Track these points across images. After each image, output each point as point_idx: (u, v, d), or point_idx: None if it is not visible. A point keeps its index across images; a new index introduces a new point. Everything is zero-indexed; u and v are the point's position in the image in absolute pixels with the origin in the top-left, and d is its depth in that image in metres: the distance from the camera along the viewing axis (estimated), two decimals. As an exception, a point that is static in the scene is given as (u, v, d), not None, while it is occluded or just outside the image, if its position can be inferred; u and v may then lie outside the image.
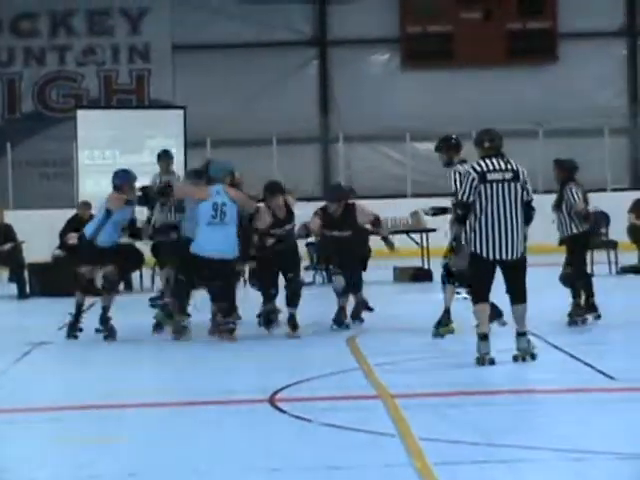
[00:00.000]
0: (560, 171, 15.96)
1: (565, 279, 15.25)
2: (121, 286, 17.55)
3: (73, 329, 14.61)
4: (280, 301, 15.15)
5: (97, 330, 14.75)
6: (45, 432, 9.94)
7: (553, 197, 15.58)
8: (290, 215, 15.22)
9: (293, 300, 14.69)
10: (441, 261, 15.37)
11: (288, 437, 9.15)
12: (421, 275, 22.14)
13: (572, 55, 31.19)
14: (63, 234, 21.15)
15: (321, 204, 25.00)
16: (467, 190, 11.85)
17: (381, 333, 15.42)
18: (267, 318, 14.92)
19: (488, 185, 11.79)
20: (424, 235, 22.83)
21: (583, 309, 15.20)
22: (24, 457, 8.95)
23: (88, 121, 28.81)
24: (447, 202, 14.21)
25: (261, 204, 14.98)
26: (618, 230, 22.24)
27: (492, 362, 11.80)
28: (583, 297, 15.26)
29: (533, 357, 11.99)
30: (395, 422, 9.40)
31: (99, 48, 32.32)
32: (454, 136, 14.16)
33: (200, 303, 15.11)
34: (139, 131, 27.18)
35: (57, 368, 13.30)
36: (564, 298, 15.09)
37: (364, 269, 16.44)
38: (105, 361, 13.66)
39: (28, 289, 21.38)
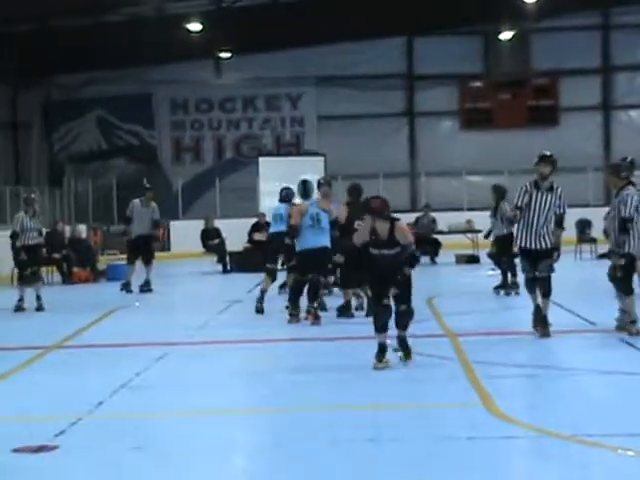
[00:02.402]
0: (496, 194, 15.09)
1: (491, 256, 14.51)
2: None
3: (260, 302, 12.88)
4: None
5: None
6: (231, 359, 9.95)
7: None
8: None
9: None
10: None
11: (390, 360, 9.16)
12: (472, 259, 21.78)
13: (568, 121, 30.84)
14: (250, 233, 21.33)
15: (408, 215, 25.15)
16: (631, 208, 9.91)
17: (449, 295, 15.07)
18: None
19: None
20: (474, 234, 22.67)
21: (509, 285, 14.19)
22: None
23: (266, 164, 29.03)
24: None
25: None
26: (598, 231, 21.90)
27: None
28: (510, 276, 14.18)
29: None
30: (456, 351, 9.49)
31: (273, 119, 32.56)
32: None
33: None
34: (296, 170, 27.33)
35: (246, 317, 12.93)
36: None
37: None
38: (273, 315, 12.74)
39: (229, 268, 21.56)
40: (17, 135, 31.63)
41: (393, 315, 8.67)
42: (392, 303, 8.63)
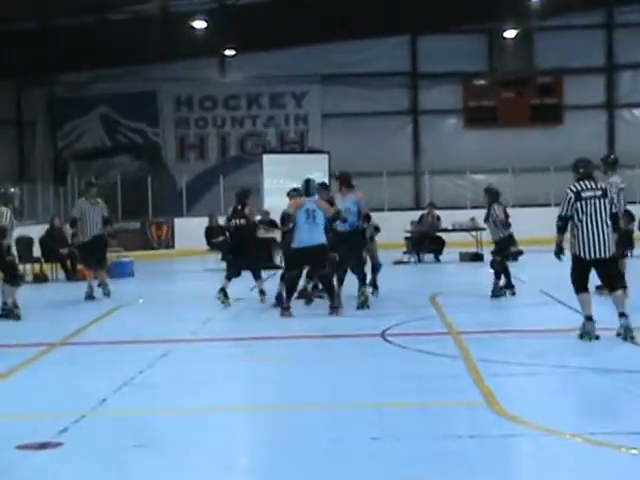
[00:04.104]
0: (488, 196, 14.36)
1: (492, 265, 13.99)
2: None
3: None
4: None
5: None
6: (233, 356, 10.09)
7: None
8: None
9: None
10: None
11: (391, 359, 9.19)
12: (476, 257, 21.73)
13: (572, 119, 30.81)
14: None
15: (412, 213, 25.11)
16: (565, 207, 9.71)
17: (452, 293, 15.02)
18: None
19: (583, 202, 9.63)
20: (478, 232, 22.64)
21: (503, 287, 13.84)
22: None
23: (270, 161, 29.06)
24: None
25: None
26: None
27: (597, 338, 9.55)
28: (503, 278, 13.88)
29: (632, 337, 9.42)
30: (459, 349, 9.48)
31: (277, 116, 32.56)
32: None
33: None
34: (300, 167, 27.35)
35: (249, 314, 13.16)
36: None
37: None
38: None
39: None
40: (22, 132, 31.66)
41: None
42: None
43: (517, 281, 14.49)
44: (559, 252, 9.81)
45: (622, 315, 9.54)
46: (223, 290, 13.65)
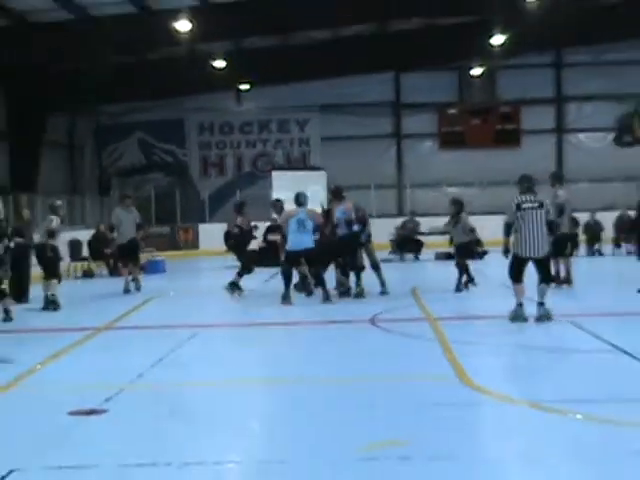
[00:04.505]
0: (455, 206, 13.81)
1: (457, 264, 13.70)
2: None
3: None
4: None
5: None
6: (249, 338, 10.11)
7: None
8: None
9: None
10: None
11: (379, 341, 9.18)
12: (449, 256, 21.34)
13: (528, 142, 30.81)
14: (265, 235, 21.04)
15: (396, 220, 25.00)
16: (509, 215, 9.91)
17: (430, 286, 15.02)
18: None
19: (523, 211, 9.86)
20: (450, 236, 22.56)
21: (467, 282, 13.49)
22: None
23: (278, 177, 28.99)
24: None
25: None
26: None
27: (525, 320, 9.73)
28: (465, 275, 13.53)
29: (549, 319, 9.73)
30: (436, 333, 9.48)
31: (284, 140, 32.55)
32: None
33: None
34: (303, 182, 27.29)
35: (262, 302, 13.18)
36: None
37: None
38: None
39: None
40: (73, 154, 31.62)
41: None
42: None
43: (482, 276, 14.46)
44: (506, 251, 9.99)
45: (540, 304, 9.79)
46: (235, 284, 13.62)
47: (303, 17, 22.34)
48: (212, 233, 25.05)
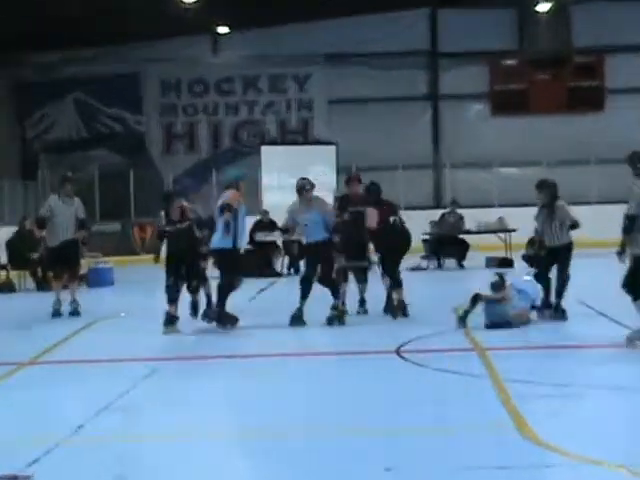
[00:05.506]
0: (546, 190, 14.17)
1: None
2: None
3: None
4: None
5: None
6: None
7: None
8: None
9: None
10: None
11: (409, 378, 9.19)
12: (504, 262, 21.29)
13: (615, 105, 30.78)
14: (252, 232, 21.20)
15: (432, 212, 25.13)
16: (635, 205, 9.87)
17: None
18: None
19: None
20: (507, 234, 22.62)
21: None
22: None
23: (268, 154, 29.15)
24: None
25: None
26: None
27: None
28: None
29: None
30: (485, 367, 9.45)
31: (277, 102, 32.66)
32: None
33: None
34: (304, 160, 27.42)
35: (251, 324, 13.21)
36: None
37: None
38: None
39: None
40: (-17, 120, 31.77)
41: None
42: None
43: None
44: (622, 252, 10.00)
45: None
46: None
47: None
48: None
